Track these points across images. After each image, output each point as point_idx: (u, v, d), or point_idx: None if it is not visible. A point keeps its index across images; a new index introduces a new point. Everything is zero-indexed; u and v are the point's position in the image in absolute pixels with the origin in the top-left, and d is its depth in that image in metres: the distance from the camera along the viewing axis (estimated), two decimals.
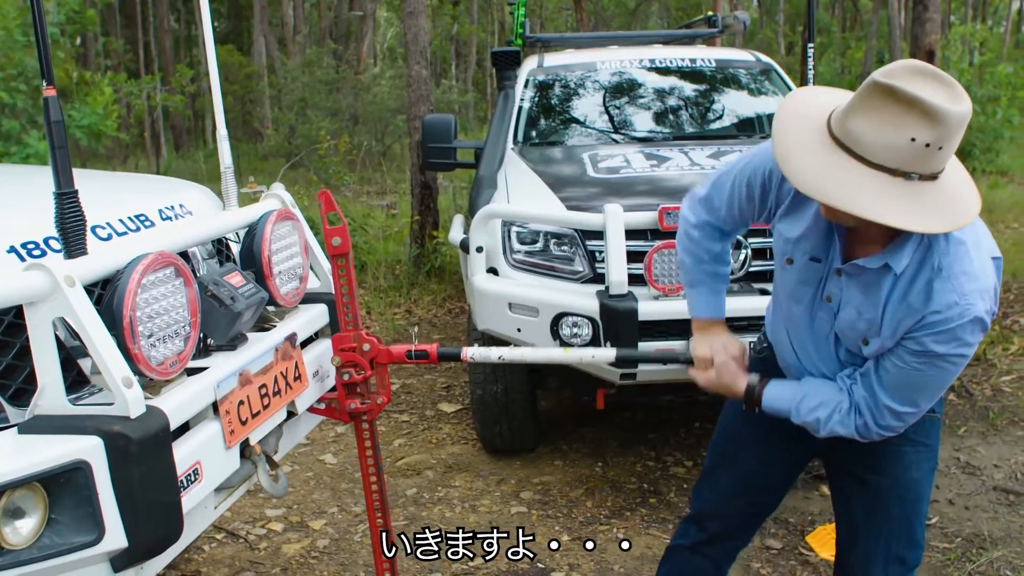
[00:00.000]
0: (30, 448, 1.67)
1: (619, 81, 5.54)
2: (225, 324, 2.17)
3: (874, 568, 2.25)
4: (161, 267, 1.92)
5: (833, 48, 35.53)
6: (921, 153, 1.64)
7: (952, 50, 15.91)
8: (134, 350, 1.81)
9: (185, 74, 17.36)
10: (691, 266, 2.30)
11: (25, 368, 1.85)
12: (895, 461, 2.14)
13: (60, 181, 1.79)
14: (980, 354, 5.61)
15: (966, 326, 1.79)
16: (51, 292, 1.70)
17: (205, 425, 2.02)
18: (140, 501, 1.73)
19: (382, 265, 8.27)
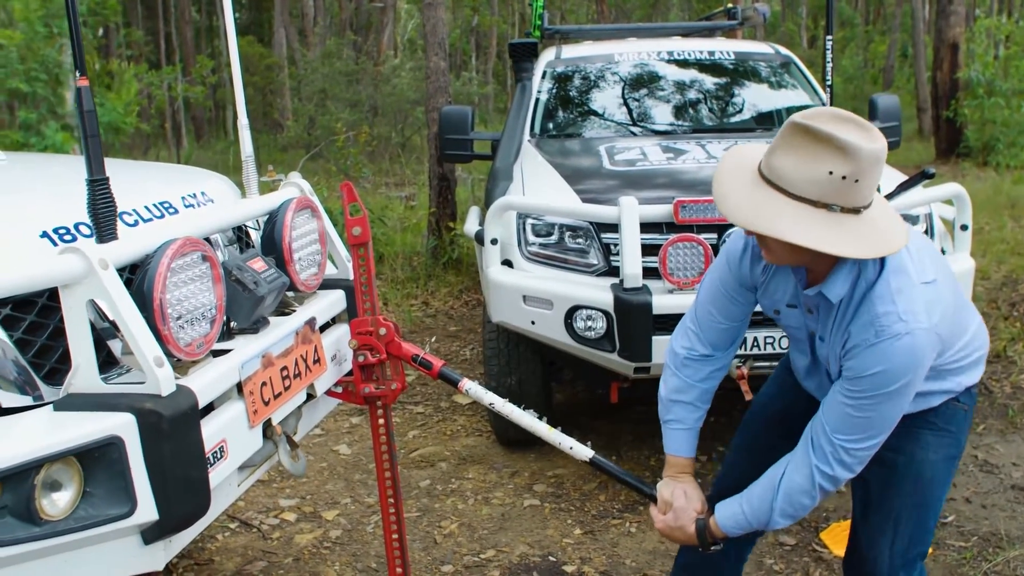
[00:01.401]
0: (66, 424, 1.73)
1: (637, 73, 5.51)
2: (248, 308, 2.23)
3: (880, 544, 2.25)
4: (189, 252, 1.97)
5: (856, 42, 35.28)
6: (839, 186, 1.78)
7: (977, 43, 15.71)
8: (164, 331, 1.86)
9: (206, 65, 17.43)
10: (670, 404, 2.36)
11: (57, 349, 1.90)
12: (913, 441, 2.17)
13: (92, 168, 1.83)
14: (1000, 351, 5.56)
15: (895, 341, 1.86)
16: (86, 275, 1.75)
17: (230, 405, 2.07)
18: (170, 476, 1.79)
19: (399, 256, 8.27)
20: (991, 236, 8.94)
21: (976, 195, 10.96)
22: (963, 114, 14.54)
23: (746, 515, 2.13)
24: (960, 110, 14.55)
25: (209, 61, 18.61)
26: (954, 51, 14.80)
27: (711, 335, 2.29)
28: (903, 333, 1.86)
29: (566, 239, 3.82)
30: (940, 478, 2.21)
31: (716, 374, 2.34)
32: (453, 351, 6.06)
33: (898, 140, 5.32)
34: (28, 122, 9.21)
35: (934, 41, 15.46)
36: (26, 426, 1.74)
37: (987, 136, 14.41)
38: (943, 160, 14.84)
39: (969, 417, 2.26)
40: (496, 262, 3.86)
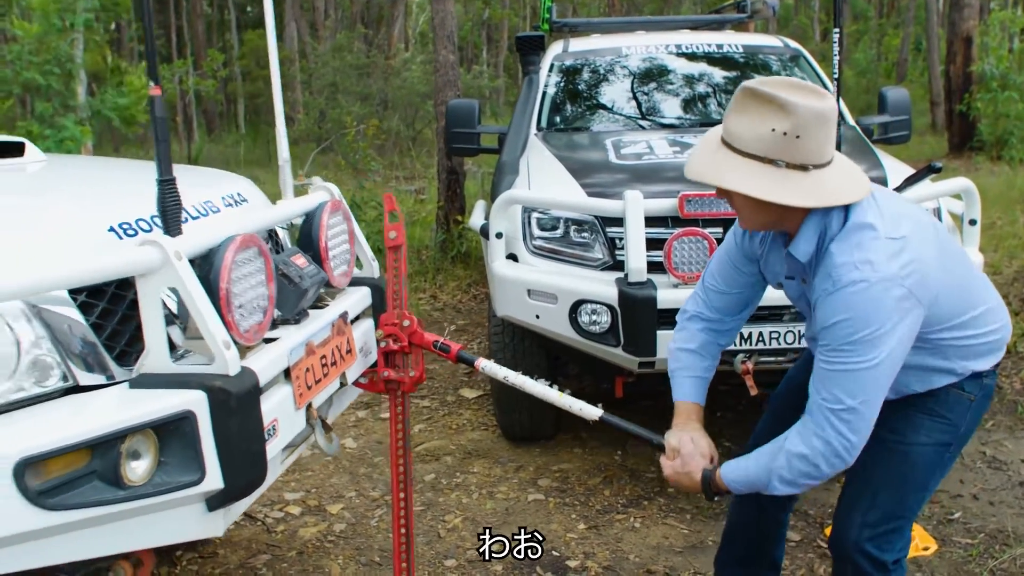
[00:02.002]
0: (143, 400, 1.90)
1: (645, 67, 5.49)
2: (294, 300, 2.42)
3: (853, 513, 2.30)
4: (248, 247, 2.14)
5: (869, 35, 35.07)
6: (782, 142, 1.93)
7: (991, 37, 15.59)
8: (229, 318, 2.02)
9: (217, 59, 17.44)
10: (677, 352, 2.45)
11: (125, 332, 2.08)
12: (909, 424, 2.24)
13: (162, 169, 1.99)
14: (1011, 347, 5.51)
15: (849, 289, 1.93)
16: (162, 265, 1.91)
17: (279, 387, 2.22)
18: (236, 448, 1.96)
19: (408, 250, 8.27)
20: (1003, 231, 8.87)
21: (989, 189, 10.91)
22: (976, 108, 14.43)
23: (748, 475, 2.16)
24: (973, 104, 14.44)
25: (220, 55, 18.63)
26: (967, 44, 14.69)
27: (717, 302, 2.40)
28: (859, 280, 1.92)
29: (571, 233, 3.81)
30: (927, 462, 2.25)
31: (723, 335, 2.44)
32: (461, 344, 6.04)
33: (908, 134, 5.29)
34: (44, 114, 9.26)
35: (947, 34, 15.35)
36: (107, 401, 1.92)
37: (1000, 130, 14.30)
38: (956, 154, 14.74)
39: (975, 408, 2.25)
40: (501, 256, 3.85)
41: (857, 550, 2.29)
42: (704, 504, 3.75)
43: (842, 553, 2.34)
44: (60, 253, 2.01)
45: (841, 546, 2.34)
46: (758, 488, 2.15)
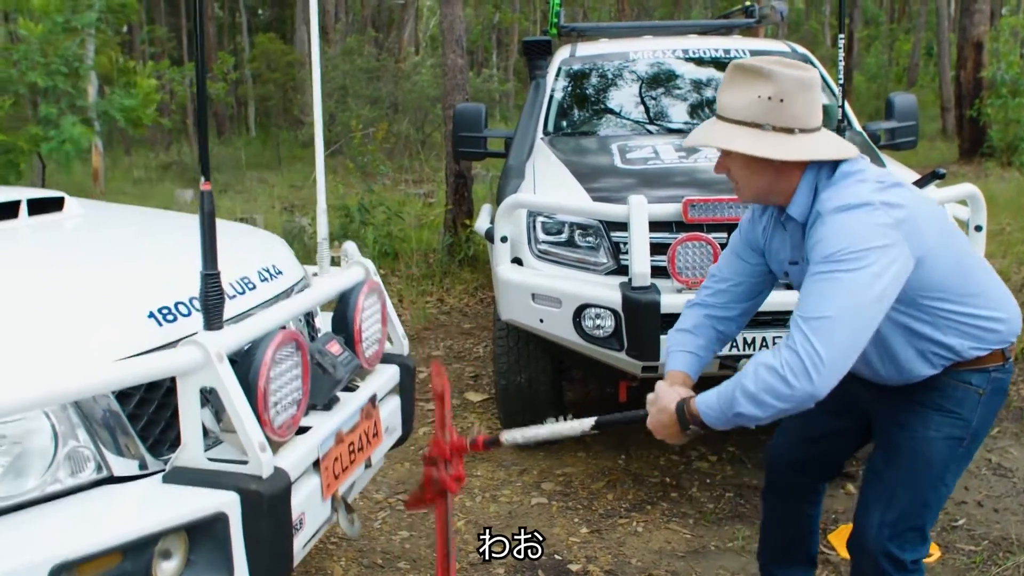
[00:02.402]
0: (177, 498, 1.92)
1: (652, 72, 5.49)
2: (327, 389, 2.42)
3: (872, 513, 2.32)
4: (287, 343, 2.16)
5: (880, 40, 35.00)
6: (767, 106, 2.10)
7: (1002, 42, 15.55)
8: (265, 417, 2.04)
9: (227, 61, 17.49)
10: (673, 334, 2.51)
11: (160, 421, 2.08)
12: (918, 419, 2.27)
13: (207, 263, 2.00)
14: (1018, 353, 5.50)
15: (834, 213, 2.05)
16: (203, 365, 1.93)
17: (307, 479, 2.24)
18: (265, 548, 1.98)
19: (416, 254, 8.29)
20: (1013, 237, 8.84)
21: (999, 195, 10.89)
22: (987, 114, 14.39)
23: (718, 392, 2.11)
24: (984, 109, 14.41)
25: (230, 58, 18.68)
26: (978, 50, 14.67)
27: (719, 291, 2.47)
28: (844, 206, 2.05)
29: (576, 237, 3.82)
30: (940, 457, 2.26)
31: (722, 322, 2.47)
32: (467, 348, 6.06)
33: (915, 140, 5.28)
34: (48, 116, 9.29)
35: (958, 39, 15.32)
36: (141, 497, 1.93)
37: (1011, 136, 14.26)
38: (966, 160, 14.71)
39: (986, 403, 2.26)
40: (506, 260, 3.86)
41: (878, 550, 2.30)
42: (706, 509, 3.75)
43: (863, 553, 2.36)
44: (103, 343, 2.01)
45: (862, 546, 2.35)
46: (725, 411, 2.08)
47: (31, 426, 1.84)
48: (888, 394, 2.33)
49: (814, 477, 2.66)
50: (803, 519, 2.72)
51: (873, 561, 2.32)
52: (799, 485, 2.66)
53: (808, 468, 2.63)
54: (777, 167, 2.15)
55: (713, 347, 2.47)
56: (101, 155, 14.61)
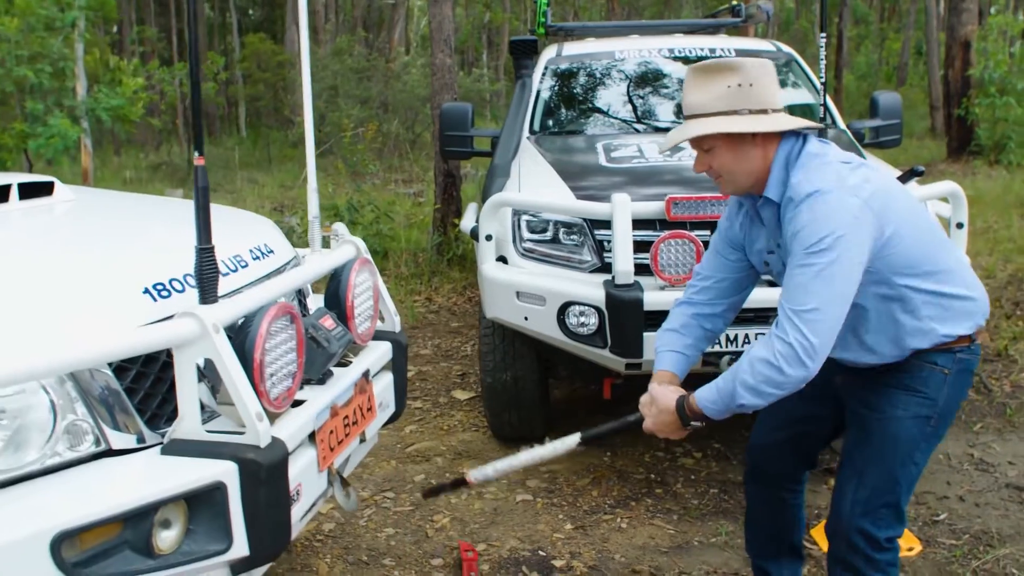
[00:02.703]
0: (175, 468, 1.95)
1: (638, 71, 5.51)
2: (321, 363, 2.45)
3: (845, 492, 2.40)
4: (282, 316, 2.18)
5: (871, 39, 35.10)
6: (739, 93, 2.22)
7: (990, 41, 15.60)
8: (261, 388, 2.07)
9: (217, 61, 17.46)
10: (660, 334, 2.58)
11: (157, 395, 2.11)
12: (886, 399, 2.35)
13: (201, 237, 2.03)
14: (1001, 349, 5.54)
15: (807, 200, 2.13)
16: (200, 337, 1.95)
17: (304, 451, 2.27)
18: (263, 517, 2.00)
19: (405, 253, 8.30)
20: (999, 235, 8.90)
21: (986, 193, 10.96)
22: (974, 112, 14.45)
23: (718, 388, 2.22)
24: (971, 108, 14.47)
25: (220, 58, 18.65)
26: (966, 49, 14.72)
27: (704, 289, 2.55)
28: (813, 192, 2.14)
29: (560, 236, 3.84)
30: (908, 435, 2.34)
31: (708, 319, 2.55)
32: (454, 347, 6.08)
33: (899, 138, 5.31)
34: (35, 113, 9.29)
35: (946, 39, 15.38)
36: (140, 469, 1.95)
37: (998, 135, 14.31)
38: (955, 158, 14.76)
39: (952, 383, 2.34)
40: (491, 258, 3.88)
41: (852, 527, 2.38)
42: (690, 505, 3.78)
43: (838, 532, 2.43)
44: (98, 319, 2.03)
45: (837, 527, 2.42)
46: (727, 403, 2.20)
47: (30, 400, 1.87)
48: (858, 377, 2.41)
49: (791, 463, 2.71)
50: (785, 508, 2.76)
51: (847, 540, 2.39)
52: (778, 472, 2.71)
53: (784, 454, 2.68)
54: (759, 147, 2.25)
55: (701, 345, 2.54)
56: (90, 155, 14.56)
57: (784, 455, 2.68)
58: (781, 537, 2.81)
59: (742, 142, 2.24)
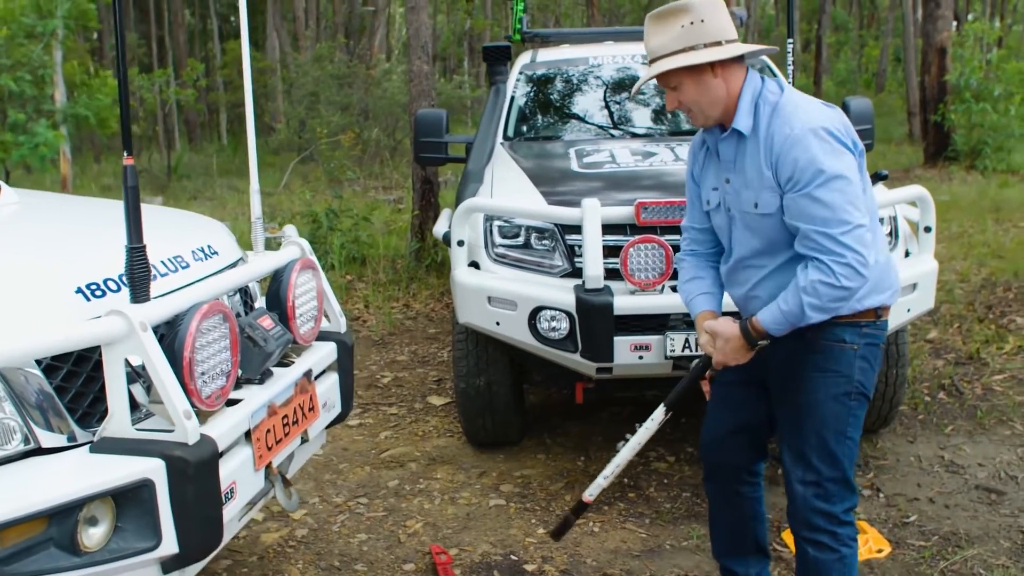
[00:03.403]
0: (103, 465, 1.96)
1: (612, 77, 5.54)
2: (258, 362, 2.47)
3: (793, 478, 2.56)
4: (213, 314, 2.19)
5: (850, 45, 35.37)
6: (692, 30, 2.38)
7: (966, 47, 15.75)
8: (191, 386, 2.08)
9: (197, 68, 17.41)
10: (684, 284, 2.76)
11: (88, 394, 2.11)
12: (806, 386, 2.51)
13: (132, 237, 2.05)
14: (973, 352, 5.59)
15: (807, 138, 2.30)
16: (128, 335, 1.96)
17: (239, 450, 2.28)
18: (192, 514, 2.02)
19: (383, 259, 8.30)
20: (974, 239, 8.97)
21: (961, 198, 11.06)
22: (950, 118, 14.57)
23: (783, 311, 2.37)
24: (948, 114, 14.59)
25: (200, 65, 18.59)
26: (941, 55, 14.85)
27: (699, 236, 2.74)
28: (814, 128, 2.32)
29: (532, 241, 3.85)
30: (834, 415, 2.50)
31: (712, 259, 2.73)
32: (431, 353, 6.08)
33: (871, 143, 5.34)
34: (17, 122, 9.26)
35: (923, 45, 15.50)
36: (67, 466, 1.95)
37: (974, 140, 14.45)
38: (931, 164, 14.88)
39: (862, 357, 2.50)
40: (463, 264, 3.89)
41: (808, 508, 2.54)
42: (662, 509, 3.79)
43: (797, 517, 2.58)
44: (27, 317, 2.03)
45: (795, 512, 2.58)
46: (793, 323, 2.38)
47: None
48: (776, 359, 2.54)
49: (743, 455, 2.79)
50: (744, 502, 2.82)
51: (808, 523, 2.55)
52: (732, 464, 2.80)
53: (735, 446, 2.77)
54: (719, 78, 2.41)
55: (720, 282, 2.72)
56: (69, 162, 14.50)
57: (735, 447, 2.77)
58: (744, 533, 2.86)
59: (702, 74, 2.40)
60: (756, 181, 2.41)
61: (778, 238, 2.44)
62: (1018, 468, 4.09)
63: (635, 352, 3.53)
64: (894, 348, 4.13)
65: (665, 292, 3.56)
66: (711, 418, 2.83)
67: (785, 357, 2.52)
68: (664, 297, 3.55)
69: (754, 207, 2.44)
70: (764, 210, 2.42)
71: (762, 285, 2.52)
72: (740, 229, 2.52)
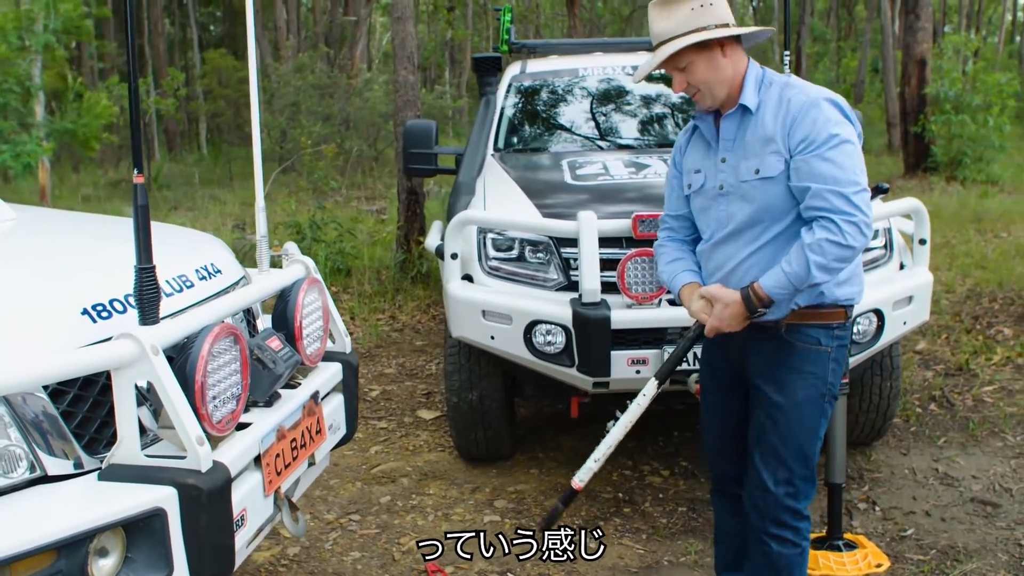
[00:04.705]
0: (113, 494, 1.89)
1: (602, 88, 5.52)
2: (267, 385, 2.42)
3: (764, 474, 2.62)
4: (225, 336, 2.14)
5: (829, 57, 35.62)
6: (700, 12, 2.48)
7: (944, 59, 15.89)
8: (203, 411, 2.02)
9: (177, 77, 17.31)
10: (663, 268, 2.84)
11: (95, 419, 2.04)
12: (783, 388, 2.58)
13: (141, 257, 1.98)
14: (963, 363, 5.60)
15: (822, 103, 2.45)
16: (139, 359, 1.91)
17: (249, 476, 2.22)
18: (205, 544, 1.96)
19: (368, 271, 8.24)
20: (957, 250, 9.02)
21: (943, 209, 11.11)
22: (931, 129, 14.68)
23: (786, 273, 2.42)
24: (928, 125, 14.70)
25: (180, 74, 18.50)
26: (921, 67, 14.96)
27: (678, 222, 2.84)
28: (819, 91, 2.50)
29: (526, 254, 3.81)
30: (811, 416, 2.59)
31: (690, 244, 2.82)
32: (419, 366, 6.03)
33: None
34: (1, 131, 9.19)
35: (903, 57, 15.62)
36: (76, 495, 1.89)
37: (954, 151, 14.56)
38: (911, 174, 14.98)
39: (835, 360, 2.60)
40: (456, 277, 3.85)
41: (779, 506, 2.61)
42: (659, 524, 3.76)
43: (766, 513, 2.63)
44: (33, 340, 1.96)
45: (764, 507, 2.63)
46: (798, 285, 2.43)
47: None
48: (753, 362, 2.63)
49: (744, 460, 2.78)
50: None
51: (776, 519, 2.63)
52: (737, 473, 2.80)
53: (737, 451, 2.79)
54: (728, 58, 2.51)
55: (697, 262, 2.77)
56: (48, 172, 14.36)
57: (737, 452, 2.79)
58: (746, 549, 2.83)
59: (713, 53, 2.49)
60: (760, 147, 2.49)
61: (773, 204, 2.50)
62: (1012, 480, 4.08)
63: (632, 366, 3.50)
64: (887, 360, 4.12)
65: (662, 306, 3.53)
66: (706, 428, 2.91)
67: (763, 360, 2.61)
68: (661, 311, 3.52)
69: (755, 173, 2.50)
70: (766, 173, 2.48)
71: (748, 260, 2.56)
72: (733, 201, 2.57)
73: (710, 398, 2.87)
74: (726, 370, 2.74)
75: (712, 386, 2.84)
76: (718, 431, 2.84)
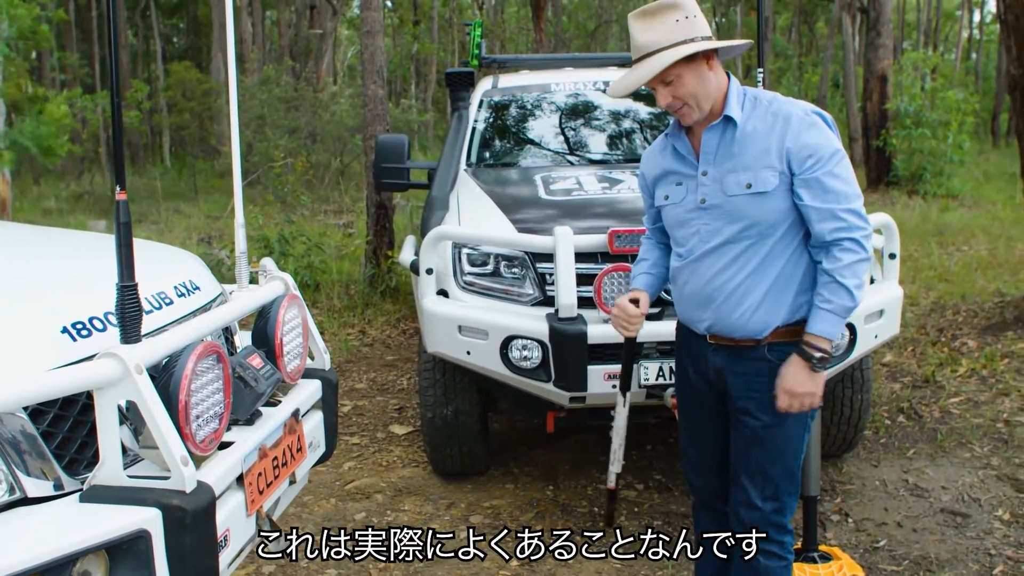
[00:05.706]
0: (95, 516, 1.85)
1: (573, 103, 5.56)
2: (249, 403, 2.39)
3: (750, 496, 2.62)
4: (208, 355, 2.11)
5: (791, 72, 36.04)
6: (686, 24, 2.44)
7: (904, 75, 16.17)
8: (187, 431, 1.99)
9: (141, 90, 17.15)
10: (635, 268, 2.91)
11: (76, 439, 2.01)
12: (767, 405, 2.55)
13: (123, 275, 1.97)
14: (929, 375, 5.67)
15: (812, 117, 2.47)
16: (122, 378, 1.87)
17: (232, 495, 2.20)
18: (189, 566, 1.92)
19: (336, 285, 8.20)
20: (920, 263, 9.15)
21: (905, 223, 11.26)
22: (892, 144, 14.91)
23: (829, 310, 2.43)
24: (889, 140, 14.93)
25: (144, 86, 18.31)
26: (883, 83, 15.21)
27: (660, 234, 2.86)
28: (806, 105, 2.52)
29: (502, 269, 3.81)
30: (796, 435, 2.61)
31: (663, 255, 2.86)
32: (390, 381, 6.00)
33: None
34: None
35: (864, 73, 15.87)
36: (57, 517, 1.85)
37: (915, 166, 14.81)
38: (873, 188, 15.21)
39: None
40: (431, 292, 3.84)
41: (767, 523, 2.62)
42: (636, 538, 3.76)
43: (750, 528, 2.63)
44: (12, 360, 1.92)
45: (748, 522, 2.63)
46: (847, 313, 2.43)
47: None
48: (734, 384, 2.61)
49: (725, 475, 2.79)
50: None
51: (761, 533, 2.63)
52: (718, 487, 2.80)
53: (719, 467, 2.78)
54: (713, 71, 2.49)
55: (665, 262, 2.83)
56: (8, 184, 14.16)
57: (720, 467, 2.78)
58: None
59: (700, 67, 2.46)
60: (752, 162, 2.46)
61: (765, 219, 2.47)
62: (980, 491, 4.14)
63: (609, 381, 3.51)
64: (858, 373, 4.17)
65: None
66: (685, 449, 2.92)
67: (744, 381, 2.58)
68: None
69: (746, 188, 2.46)
70: (760, 188, 2.45)
71: (727, 274, 2.54)
72: (717, 216, 2.53)
73: (689, 413, 2.85)
74: (703, 387, 2.72)
75: (690, 402, 2.82)
76: (699, 446, 2.84)
